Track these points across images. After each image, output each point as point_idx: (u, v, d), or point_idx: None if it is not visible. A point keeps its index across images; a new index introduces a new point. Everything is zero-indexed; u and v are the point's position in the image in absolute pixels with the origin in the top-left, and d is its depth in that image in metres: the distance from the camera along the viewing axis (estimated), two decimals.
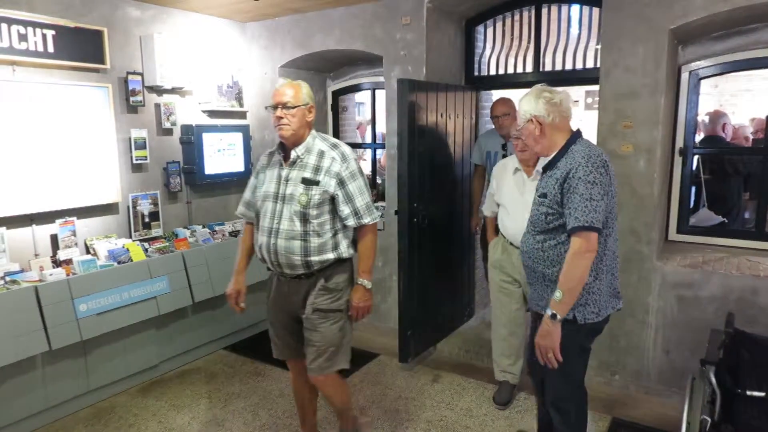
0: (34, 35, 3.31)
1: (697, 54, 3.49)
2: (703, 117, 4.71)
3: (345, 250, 2.48)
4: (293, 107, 2.36)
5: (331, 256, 2.43)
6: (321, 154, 2.41)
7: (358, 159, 2.76)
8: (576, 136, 2.16)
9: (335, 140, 2.52)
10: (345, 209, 2.41)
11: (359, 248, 2.53)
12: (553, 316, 2.02)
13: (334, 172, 2.38)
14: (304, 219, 2.37)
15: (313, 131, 2.49)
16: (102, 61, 3.68)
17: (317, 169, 2.39)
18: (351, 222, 2.43)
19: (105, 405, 3.46)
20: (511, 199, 3.16)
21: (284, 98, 2.36)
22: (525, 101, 2.19)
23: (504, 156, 3.81)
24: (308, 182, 2.38)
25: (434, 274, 4.00)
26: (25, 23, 3.27)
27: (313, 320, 2.47)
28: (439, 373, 3.81)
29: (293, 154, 2.43)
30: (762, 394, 1.93)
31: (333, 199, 2.40)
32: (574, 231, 2.00)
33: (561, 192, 2.06)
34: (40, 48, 3.35)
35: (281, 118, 2.35)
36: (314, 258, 2.40)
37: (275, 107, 2.37)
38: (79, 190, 3.62)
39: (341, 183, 2.39)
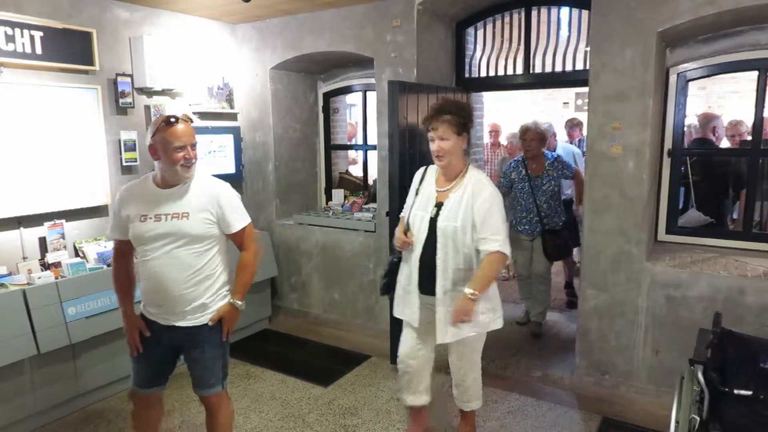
0: (22, 36, 3.29)
1: (684, 56, 3.52)
2: (693, 120, 4.72)
3: None
4: None
5: None
6: None
7: None
8: None
9: None
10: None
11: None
12: None
13: None
14: None
15: None
16: (91, 63, 3.66)
17: None
18: None
19: (94, 409, 3.43)
20: None
21: None
22: None
23: None
24: None
25: None
26: (13, 24, 3.24)
27: None
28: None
29: None
30: (749, 392, 1.94)
31: None
32: None
33: None
34: (28, 49, 3.32)
35: None
36: None
37: None
38: (68, 192, 3.59)
39: None
